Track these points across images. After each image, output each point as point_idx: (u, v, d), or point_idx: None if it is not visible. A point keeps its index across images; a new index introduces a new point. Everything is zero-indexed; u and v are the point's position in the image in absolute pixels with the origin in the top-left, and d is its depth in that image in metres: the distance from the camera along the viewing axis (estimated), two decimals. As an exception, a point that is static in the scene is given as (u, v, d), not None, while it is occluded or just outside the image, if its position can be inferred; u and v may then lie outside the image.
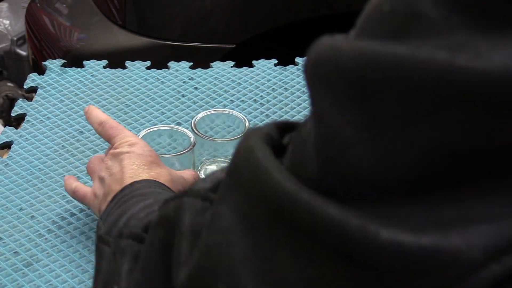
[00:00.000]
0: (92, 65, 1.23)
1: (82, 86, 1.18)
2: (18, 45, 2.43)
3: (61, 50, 1.83)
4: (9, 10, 2.50)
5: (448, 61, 0.34)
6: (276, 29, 1.75)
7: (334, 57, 0.38)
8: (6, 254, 0.89)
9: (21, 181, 1.00)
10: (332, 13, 1.77)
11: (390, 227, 0.35)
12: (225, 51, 1.73)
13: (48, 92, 1.17)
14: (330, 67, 0.38)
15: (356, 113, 0.37)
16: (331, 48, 0.38)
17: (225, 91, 1.17)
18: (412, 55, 0.35)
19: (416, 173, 0.36)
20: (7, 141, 1.07)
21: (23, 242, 0.91)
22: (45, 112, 1.12)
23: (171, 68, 1.22)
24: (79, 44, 1.84)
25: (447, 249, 0.34)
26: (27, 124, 1.10)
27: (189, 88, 1.18)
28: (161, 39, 1.76)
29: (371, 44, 0.37)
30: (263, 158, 0.40)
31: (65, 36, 1.87)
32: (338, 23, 1.78)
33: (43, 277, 0.86)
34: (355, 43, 0.38)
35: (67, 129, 1.09)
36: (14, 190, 0.98)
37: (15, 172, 1.01)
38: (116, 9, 1.81)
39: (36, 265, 0.88)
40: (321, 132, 0.38)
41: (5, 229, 0.92)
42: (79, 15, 1.90)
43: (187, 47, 1.74)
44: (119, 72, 1.21)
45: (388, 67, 0.35)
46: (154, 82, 1.19)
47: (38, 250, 0.90)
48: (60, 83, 1.19)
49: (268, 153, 0.41)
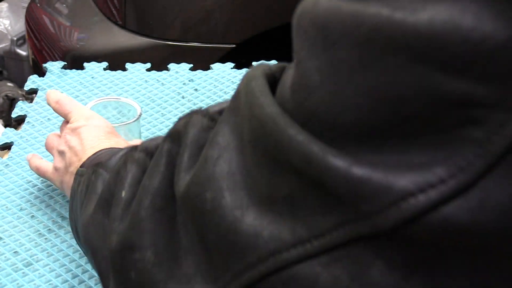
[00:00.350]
0: (93, 67, 1.23)
1: (83, 88, 1.18)
2: (18, 45, 2.43)
3: (61, 50, 1.84)
4: (9, 10, 2.51)
5: (389, 17, 0.38)
6: (276, 29, 1.75)
7: (311, 10, 0.43)
8: (6, 254, 0.89)
9: (21, 182, 1.00)
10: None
11: (340, 156, 0.40)
12: (225, 51, 1.73)
13: (49, 93, 1.17)
14: (307, 18, 0.43)
15: (320, 59, 0.41)
16: (313, 2, 0.43)
17: (225, 93, 1.18)
18: (363, 11, 0.40)
19: (361, 115, 0.40)
20: (8, 142, 1.07)
21: (23, 242, 0.91)
22: (46, 113, 1.13)
23: (171, 70, 1.23)
24: (79, 44, 1.84)
25: (387, 178, 0.39)
26: (27, 126, 1.10)
27: (189, 89, 1.18)
28: (161, 39, 1.76)
29: (339, 1, 0.42)
30: (256, 86, 0.46)
31: (65, 36, 1.88)
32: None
33: (43, 276, 0.87)
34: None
35: (67, 130, 1.09)
36: (14, 191, 0.99)
37: (15, 173, 1.01)
38: (116, 9, 1.81)
39: (36, 264, 0.88)
40: (297, 74, 0.43)
41: (5, 229, 0.93)
42: (79, 15, 1.90)
43: (187, 47, 1.74)
44: (120, 74, 1.22)
45: (345, 20, 0.40)
46: (154, 84, 1.19)
47: (38, 250, 0.90)
48: (61, 85, 1.19)
49: (262, 83, 0.46)
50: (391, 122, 0.39)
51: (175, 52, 1.72)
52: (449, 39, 0.37)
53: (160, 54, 1.73)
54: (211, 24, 1.76)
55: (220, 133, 0.48)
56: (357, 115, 0.40)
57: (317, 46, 0.42)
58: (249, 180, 0.45)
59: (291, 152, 0.42)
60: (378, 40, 0.39)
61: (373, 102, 0.39)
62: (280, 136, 0.42)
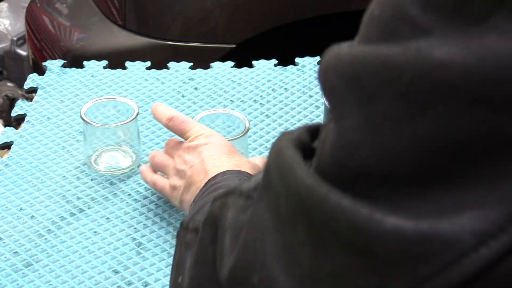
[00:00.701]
0: (92, 65, 1.23)
1: (82, 87, 1.18)
2: (18, 45, 2.43)
3: (61, 50, 1.83)
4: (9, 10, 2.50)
5: (431, 59, 0.36)
6: (276, 29, 1.75)
7: (336, 64, 0.40)
8: (6, 254, 0.89)
9: (21, 181, 1.00)
10: (332, 13, 1.77)
11: (393, 214, 0.37)
12: (225, 51, 1.73)
13: (48, 92, 1.17)
14: (333, 74, 0.40)
15: (356, 116, 0.39)
16: (335, 55, 0.40)
17: (225, 91, 1.17)
18: (396, 56, 0.37)
19: (416, 167, 0.37)
20: (7, 142, 1.07)
21: (23, 242, 0.91)
22: (45, 112, 1.12)
23: (171, 69, 1.22)
24: (79, 44, 1.84)
25: (442, 233, 0.36)
26: (27, 125, 1.10)
27: (189, 88, 1.18)
28: (161, 39, 1.76)
29: (363, 48, 0.39)
30: (289, 157, 0.43)
31: (65, 36, 1.87)
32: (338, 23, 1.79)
33: (43, 277, 0.86)
34: (353, 48, 0.40)
35: (67, 130, 1.09)
36: (14, 191, 0.98)
37: (15, 173, 1.01)
38: (116, 9, 1.81)
39: (36, 265, 0.88)
40: (334, 136, 0.41)
41: (5, 229, 0.92)
42: (79, 15, 1.90)
43: (187, 47, 1.74)
44: (119, 72, 1.21)
45: (378, 69, 0.38)
46: (154, 83, 1.19)
47: (38, 250, 0.90)
48: (60, 83, 1.19)
49: (294, 154, 0.43)
50: (446, 170, 0.37)
51: (175, 52, 1.71)
52: (504, 76, 0.34)
53: (160, 54, 1.73)
54: (211, 24, 1.75)
55: (256, 213, 0.46)
56: (409, 167, 0.38)
57: (351, 102, 0.39)
58: (290, 260, 0.42)
59: (335, 222, 0.39)
60: (424, 87, 0.36)
61: (425, 152, 0.37)
62: (322, 207, 0.39)
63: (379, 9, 0.39)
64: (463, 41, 0.35)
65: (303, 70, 1.21)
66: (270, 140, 1.07)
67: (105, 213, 0.95)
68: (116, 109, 1.03)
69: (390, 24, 0.38)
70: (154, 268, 0.87)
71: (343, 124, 0.40)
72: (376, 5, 0.40)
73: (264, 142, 1.07)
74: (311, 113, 1.12)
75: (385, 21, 0.39)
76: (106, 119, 1.03)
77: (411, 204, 0.37)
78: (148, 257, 0.89)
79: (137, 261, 0.88)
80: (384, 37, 0.39)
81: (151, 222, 0.94)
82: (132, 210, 0.95)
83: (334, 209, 0.39)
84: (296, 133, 0.46)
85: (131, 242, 0.91)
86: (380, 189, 0.38)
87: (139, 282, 0.86)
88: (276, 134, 1.08)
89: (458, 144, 0.36)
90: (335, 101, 0.40)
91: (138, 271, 0.87)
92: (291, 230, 0.42)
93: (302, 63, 1.23)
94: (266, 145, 1.07)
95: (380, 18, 0.39)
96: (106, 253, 0.89)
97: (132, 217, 0.94)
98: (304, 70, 1.21)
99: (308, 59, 1.24)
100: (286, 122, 1.11)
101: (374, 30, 0.40)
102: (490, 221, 0.35)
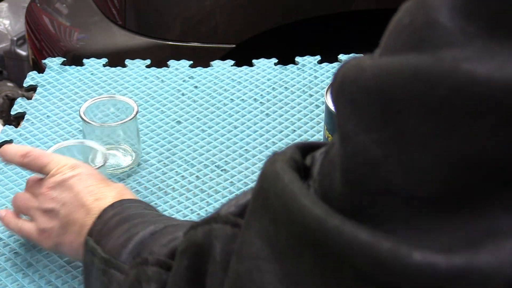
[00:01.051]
0: (92, 63, 1.22)
1: (82, 85, 1.18)
2: (18, 45, 2.43)
3: (61, 50, 1.83)
4: (9, 10, 2.50)
5: (469, 73, 0.33)
6: (276, 29, 1.75)
7: (357, 77, 0.38)
8: (6, 255, 0.89)
9: (21, 181, 0.99)
10: (332, 13, 1.77)
11: (422, 248, 0.34)
12: (225, 51, 1.72)
13: (48, 90, 1.16)
14: (354, 87, 0.38)
15: (381, 131, 0.36)
16: (355, 68, 0.38)
17: (225, 90, 1.17)
18: (432, 68, 0.35)
19: (444, 187, 0.35)
20: (7, 140, 1.07)
21: (24, 242, 0.90)
22: (45, 110, 1.12)
23: (171, 67, 1.22)
24: (79, 44, 1.83)
25: (480, 268, 0.34)
26: (27, 123, 1.10)
27: (189, 87, 1.18)
28: (161, 39, 1.76)
29: (390, 59, 0.37)
30: (290, 183, 0.40)
31: (65, 36, 1.87)
32: (338, 23, 1.79)
33: (43, 277, 0.86)
34: (377, 61, 0.38)
35: (66, 128, 1.09)
36: (14, 190, 0.98)
37: (15, 172, 1.01)
38: (116, 9, 1.81)
39: (36, 265, 0.87)
40: (348, 152, 0.38)
41: (5, 229, 0.92)
42: (79, 15, 1.90)
43: (187, 47, 1.74)
44: (119, 70, 1.21)
45: (408, 81, 0.35)
46: (154, 81, 1.19)
47: (38, 251, 0.89)
48: (60, 81, 1.18)
49: (294, 178, 0.40)
50: (478, 191, 0.35)
51: (175, 52, 1.71)
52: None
53: (160, 54, 1.73)
54: (211, 24, 1.75)
55: (247, 242, 0.43)
56: (437, 187, 0.35)
57: (374, 116, 0.37)
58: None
59: (351, 256, 0.36)
60: (460, 102, 0.34)
61: (456, 171, 0.35)
62: (335, 240, 0.37)
63: (409, 17, 0.37)
64: (505, 55, 0.33)
65: (303, 69, 1.21)
66: (270, 139, 1.07)
67: (105, 211, 0.95)
68: (116, 108, 1.03)
69: (422, 32, 0.36)
70: (154, 266, 0.87)
71: (362, 139, 0.37)
72: (405, 13, 0.38)
73: (264, 141, 1.07)
74: (311, 112, 1.12)
75: (416, 29, 0.36)
76: (106, 118, 1.02)
77: (439, 232, 0.35)
78: (148, 256, 0.89)
79: (137, 260, 0.88)
80: (414, 46, 0.36)
81: (151, 221, 0.93)
82: (132, 208, 0.95)
83: (351, 243, 0.36)
84: (288, 153, 0.43)
85: (130, 241, 0.91)
86: (403, 211, 0.36)
87: (139, 281, 0.85)
88: (276, 133, 1.08)
89: (493, 164, 0.34)
90: (354, 114, 0.38)
91: (137, 270, 0.87)
92: (295, 260, 0.40)
93: (303, 62, 1.23)
94: (266, 144, 1.06)
95: (411, 26, 0.37)
96: (106, 251, 0.89)
97: (132, 215, 0.94)
98: (304, 69, 1.21)
99: (308, 58, 1.23)
100: (286, 121, 1.10)
101: (403, 40, 0.37)
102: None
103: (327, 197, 0.39)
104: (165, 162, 1.03)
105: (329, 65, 1.22)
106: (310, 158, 0.44)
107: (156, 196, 0.97)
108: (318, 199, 0.38)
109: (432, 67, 0.35)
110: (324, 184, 0.40)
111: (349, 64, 0.39)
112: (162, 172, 1.01)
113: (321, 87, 1.16)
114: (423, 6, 0.36)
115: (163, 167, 1.02)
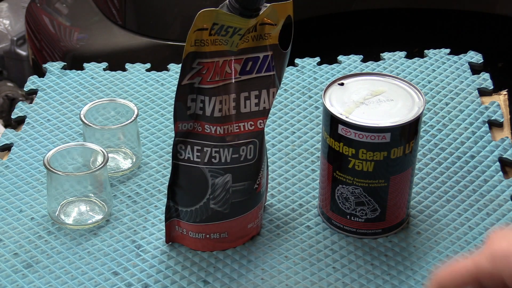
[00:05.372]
0: (92, 67, 1.23)
1: (83, 89, 1.18)
2: (18, 45, 2.43)
3: (61, 50, 1.84)
4: (9, 10, 2.51)
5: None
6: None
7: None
8: (6, 256, 0.89)
9: (21, 183, 1.00)
10: (332, 13, 1.77)
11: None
12: (225, 51, 1.72)
13: (49, 94, 1.17)
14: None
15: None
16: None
17: (224, 93, 1.17)
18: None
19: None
20: (7, 143, 1.07)
21: (23, 243, 0.91)
22: (45, 114, 1.13)
23: (171, 70, 1.22)
24: (79, 44, 1.84)
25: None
26: (27, 126, 1.10)
27: (188, 89, 1.18)
28: (161, 39, 1.76)
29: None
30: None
31: (65, 36, 1.88)
32: (338, 23, 1.79)
33: (43, 278, 0.86)
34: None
35: (67, 131, 1.09)
36: (14, 192, 0.98)
37: (15, 174, 1.01)
38: (116, 9, 1.81)
39: (36, 266, 0.88)
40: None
41: (5, 231, 0.93)
42: (79, 15, 1.91)
43: (187, 47, 1.74)
44: (119, 74, 1.21)
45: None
46: (154, 84, 1.19)
47: (38, 252, 0.90)
48: (60, 85, 1.19)
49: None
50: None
51: (175, 52, 1.72)
52: None
53: (160, 54, 1.73)
54: (211, 24, 1.75)
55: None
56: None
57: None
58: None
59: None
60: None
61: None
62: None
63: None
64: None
65: (303, 71, 1.22)
66: (269, 141, 1.07)
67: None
68: (116, 111, 1.03)
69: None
70: (153, 270, 0.88)
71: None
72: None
73: (263, 144, 1.07)
74: (310, 113, 1.13)
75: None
76: (106, 121, 1.03)
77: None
78: (148, 259, 0.89)
79: (137, 263, 0.89)
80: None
81: (151, 224, 0.94)
82: (132, 212, 0.96)
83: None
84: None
85: (130, 244, 0.91)
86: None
87: (139, 284, 0.86)
88: (275, 135, 1.09)
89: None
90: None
91: (137, 273, 0.87)
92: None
93: (302, 64, 1.23)
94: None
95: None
96: (106, 255, 0.90)
97: (131, 219, 0.95)
98: (303, 71, 1.22)
99: (307, 60, 1.24)
100: (286, 123, 1.11)
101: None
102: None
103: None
104: (166, 165, 1.03)
105: (328, 66, 1.22)
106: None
107: (156, 199, 0.98)
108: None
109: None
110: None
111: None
112: (163, 175, 1.01)
113: (320, 89, 1.17)
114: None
115: (164, 170, 1.02)
